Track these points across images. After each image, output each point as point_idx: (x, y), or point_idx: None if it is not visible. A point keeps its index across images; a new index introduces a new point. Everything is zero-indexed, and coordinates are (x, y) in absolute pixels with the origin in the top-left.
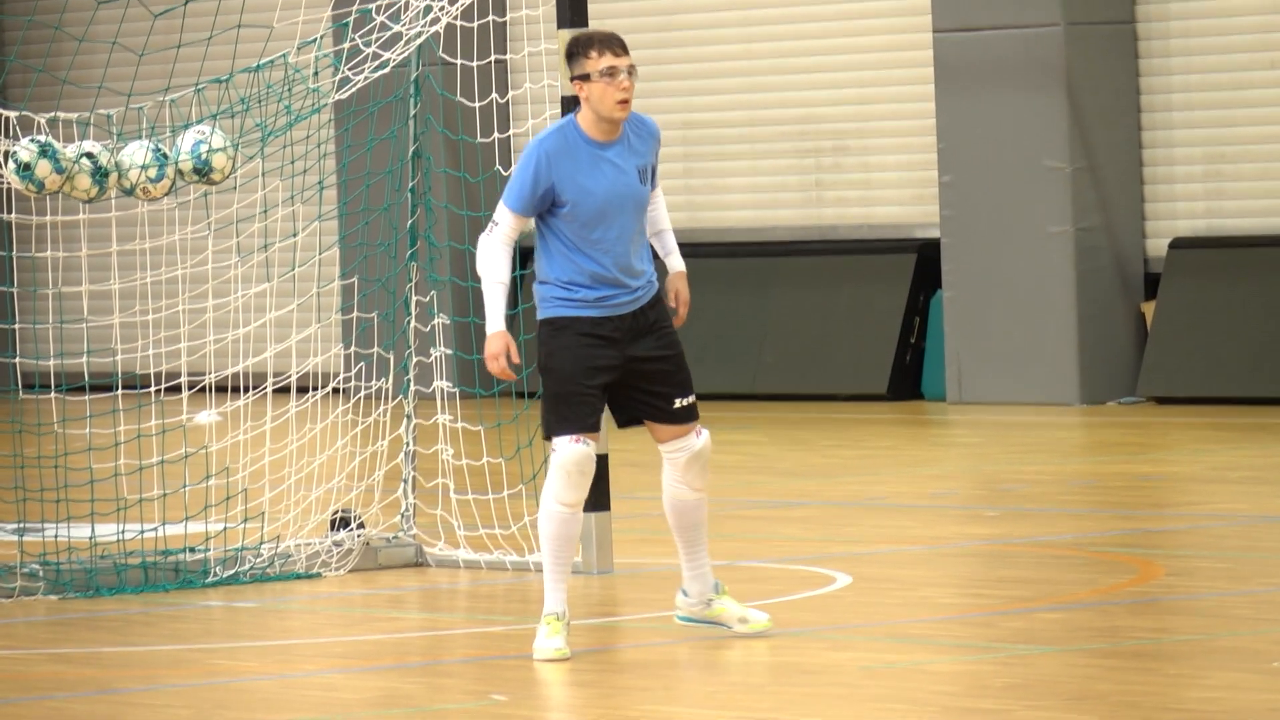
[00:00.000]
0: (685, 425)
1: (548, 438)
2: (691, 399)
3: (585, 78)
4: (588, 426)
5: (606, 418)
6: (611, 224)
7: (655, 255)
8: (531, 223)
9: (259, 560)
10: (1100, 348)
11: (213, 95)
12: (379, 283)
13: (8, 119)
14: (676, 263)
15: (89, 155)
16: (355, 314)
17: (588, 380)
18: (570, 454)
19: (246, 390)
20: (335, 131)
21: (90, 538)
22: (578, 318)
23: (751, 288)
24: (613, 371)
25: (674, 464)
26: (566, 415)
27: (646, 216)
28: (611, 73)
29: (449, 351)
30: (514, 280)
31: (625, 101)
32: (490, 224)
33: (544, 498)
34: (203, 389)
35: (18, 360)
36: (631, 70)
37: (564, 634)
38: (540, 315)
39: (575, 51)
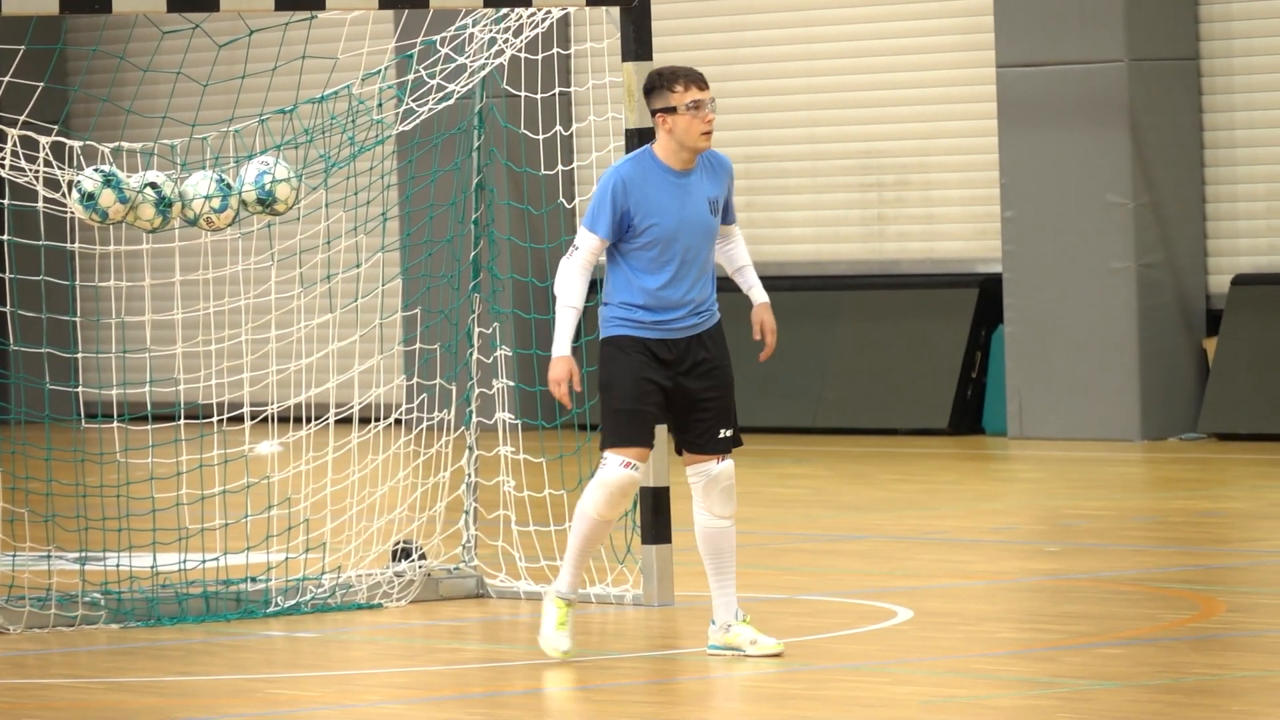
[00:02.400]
0: (711, 455)
1: (602, 449)
2: (732, 431)
3: (670, 110)
4: (642, 442)
5: (666, 445)
6: (681, 250)
7: (728, 288)
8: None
9: (320, 590)
10: (1162, 384)
11: (277, 126)
12: (442, 314)
13: (72, 149)
14: (760, 295)
15: (153, 185)
16: (418, 345)
17: (645, 398)
18: (616, 476)
19: (308, 421)
20: (399, 163)
21: (152, 567)
22: (635, 338)
23: (813, 321)
24: (664, 392)
25: (695, 489)
26: (623, 431)
27: (717, 249)
28: (697, 106)
29: (511, 383)
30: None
31: (709, 133)
32: (570, 248)
33: (582, 502)
34: (265, 419)
35: (80, 389)
36: (713, 103)
37: (568, 625)
38: (601, 335)
39: (659, 85)
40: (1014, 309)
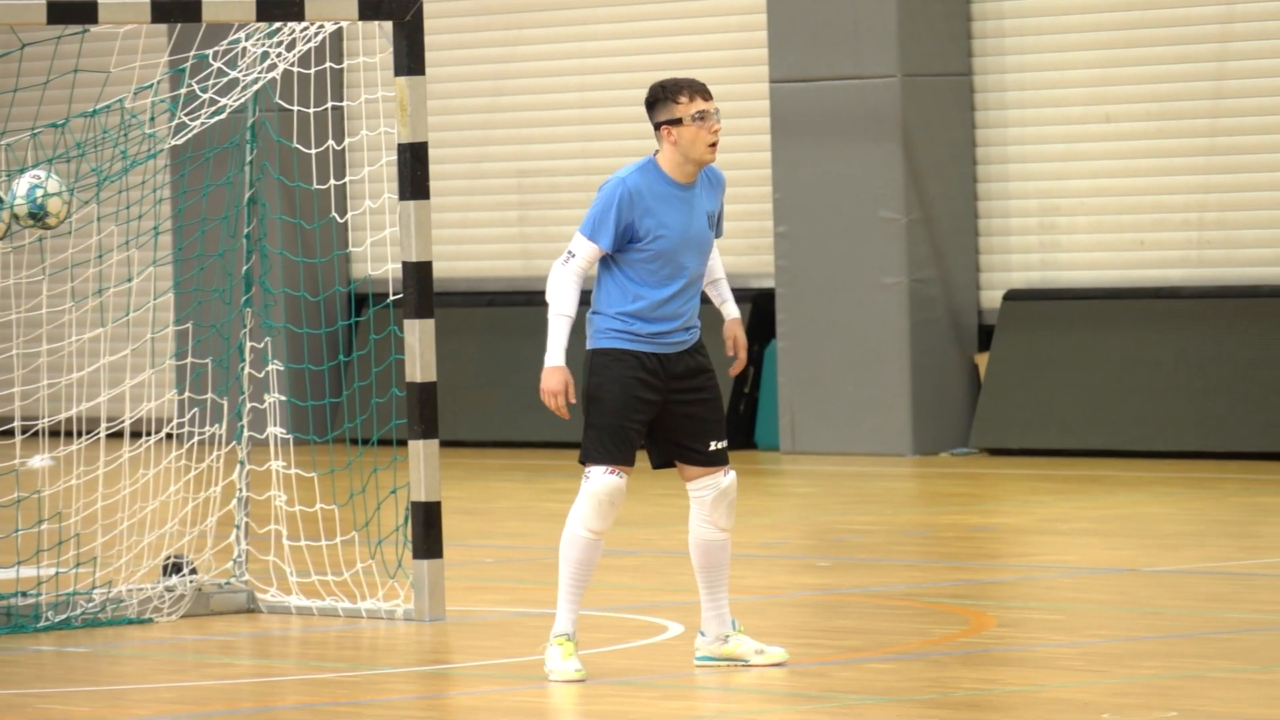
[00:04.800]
0: (717, 466)
1: (583, 463)
2: (724, 443)
3: (676, 122)
4: (626, 460)
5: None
6: (681, 264)
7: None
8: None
9: (91, 605)
10: (933, 399)
11: (49, 140)
12: (214, 329)
13: None
14: (732, 310)
15: None
16: (189, 360)
17: (633, 415)
18: (604, 484)
19: (80, 435)
20: (171, 177)
21: None
22: (629, 351)
23: (585, 337)
24: (654, 408)
25: (701, 503)
26: (608, 447)
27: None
28: (703, 117)
29: (283, 398)
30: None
31: (715, 145)
32: (566, 254)
33: (571, 522)
34: (35, 433)
35: None
36: (718, 113)
37: (576, 655)
38: (592, 345)
39: (662, 97)
40: (786, 324)
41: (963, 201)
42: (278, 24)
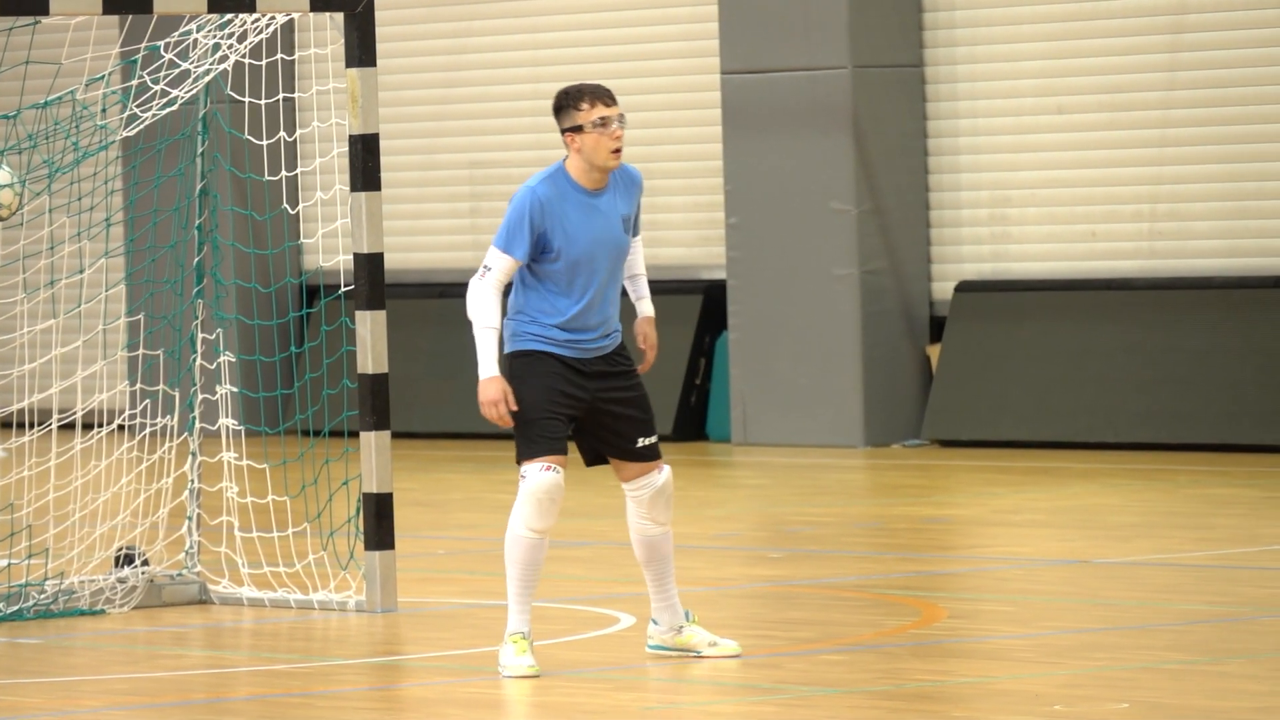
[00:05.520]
0: (650, 463)
1: (519, 463)
2: (655, 439)
3: (577, 129)
4: (555, 449)
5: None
6: (595, 271)
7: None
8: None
9: (42, 597)
10: (885, 390)
11: (0, 131)
12: (165, 320)
13: None
14: (646, 308)
15: None
16: (141, 351)
17: (553, 407)
18: (540, 481)
19: (31, 426)
20: (123, 168)
21: None
22: (547, 352)
23: None
24: (579, 405)
25: (639, 500)
26: (535, 439)
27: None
28: (604, 123)
29: (234, 389)
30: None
31: (619, 151)
32: (482, 269)
33: (512, 523)
34: None
35: None
36: (622, 119)
37: (530, 651)
38: (509, 349)
39: (565, 104)
40: (738, 315)
41: (914, 193)
42: (229, 15)
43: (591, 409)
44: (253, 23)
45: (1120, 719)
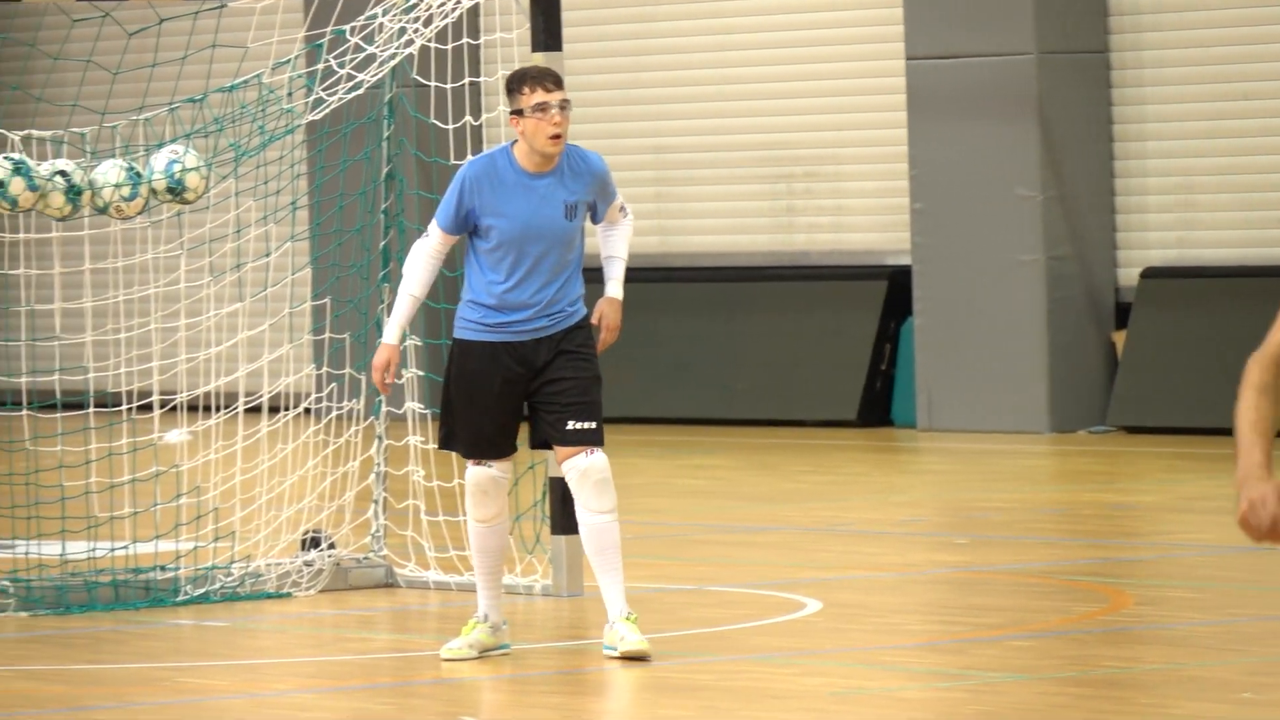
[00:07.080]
0: (578, 447)
1: (440, 448)
2: (589, 425)
3: (519, 113)
4: (482, 454)
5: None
6: (527, 254)
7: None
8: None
9: (229, 579)
10: (1070, 376)
11: (187, 115)
12: (351, 304)
13: None
14: (613, 289)
15: (63, 173)
16: (327, 334)
17: (479, 411)
18: (472, 475)
19: (218, 409)
20: (309, 152)
21: (61, 555)
22: (478, 342)
23: (722, 313)
24: (510, 396)
25: (570, 484)
26: (465, 443)
27: (598, 233)
28: (543, 108)
29: (420, 373)
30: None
31: (557, 136)
32: (424, 233)
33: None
34: (174, 408)
35: None
36: (564, 105)
37: (478, 635)
38: (454, 333)
39: (510, 87)
40: (923, 301)
41: (1099, 179)
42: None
43: (533, 392)
44: (438, 7)
45: None
